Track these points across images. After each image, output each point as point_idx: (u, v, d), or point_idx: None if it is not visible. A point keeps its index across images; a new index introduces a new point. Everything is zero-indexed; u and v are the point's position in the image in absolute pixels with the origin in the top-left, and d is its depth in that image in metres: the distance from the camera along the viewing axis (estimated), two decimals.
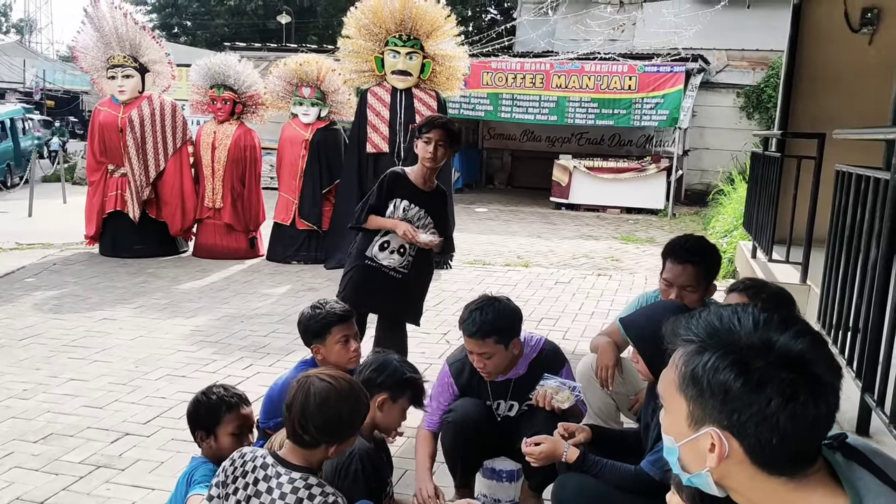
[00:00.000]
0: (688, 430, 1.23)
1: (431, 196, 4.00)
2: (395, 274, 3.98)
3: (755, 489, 1.19)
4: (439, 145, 3.81)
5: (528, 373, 2.97)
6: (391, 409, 2.62)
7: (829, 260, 3.63)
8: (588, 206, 14.19)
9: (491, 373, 2.92)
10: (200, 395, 2.57)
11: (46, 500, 3.15)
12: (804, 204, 5.24)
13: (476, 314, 2.82)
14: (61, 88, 39.34)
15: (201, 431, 2.52)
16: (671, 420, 1.27)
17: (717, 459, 1.18)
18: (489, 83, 14.34)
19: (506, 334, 2.85)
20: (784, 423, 1.13)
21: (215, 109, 8.43)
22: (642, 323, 2.37)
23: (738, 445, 1.17)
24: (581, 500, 2.26)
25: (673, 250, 3.11)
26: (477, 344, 2.83)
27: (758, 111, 15.55)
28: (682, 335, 1.26)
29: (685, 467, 1.26)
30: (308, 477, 2.04)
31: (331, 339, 3.01)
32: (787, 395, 1.13)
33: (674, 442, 1.26)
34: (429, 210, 3.96)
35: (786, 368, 1.14)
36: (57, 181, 14.80)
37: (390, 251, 3.95)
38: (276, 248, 8.55)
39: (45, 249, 8.78)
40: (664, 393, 1.28)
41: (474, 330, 2.81)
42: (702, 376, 1.19)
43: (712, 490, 1.23)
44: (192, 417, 2.55)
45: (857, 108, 6.36)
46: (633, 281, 7.88)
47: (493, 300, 2.89)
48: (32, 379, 4.55)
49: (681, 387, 1.23)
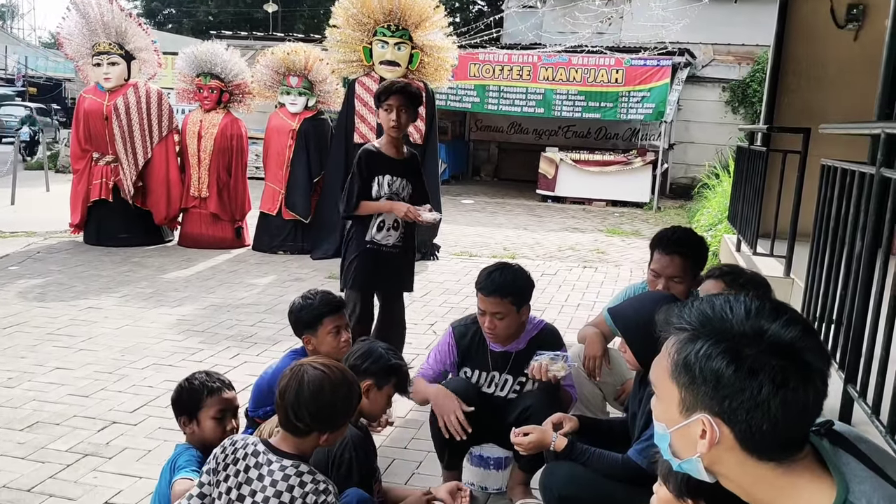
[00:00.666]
0: (679, 417, 1.25)
1: (406, 162, 4.08)
2: (395, 249, 4.08)
3: (745, 474, 1.21)
4: (401, 111, 3.86)
5: (527, 349, 3.05)
6: (376, 396, 2.64)
7: (813, 253, 3.67)
8: (574, 198, 14.24)
9: (498, 335, 2.98)
10: (184, 381, 2.59)
11: (33, 487, 3.14)
12: (789, 198, 5.29)
13: (496, 274, 2.96)
14: (44, 75, 38.90)
15: (184, 416, 2.54)
16: (663, 407, 1.29)
17: (708, 445, 1.21)
18: (476, 75, 14.33)
19: (520, 297, 2.96)
20: (775, 409, 1.15)
21: (202, 98, 8.37)
22: (630, 314, 2.40)
23: (728, 431, 1.19)
24: (570, 487, 2.28)
25: (661, 241, 3.14)
26: (493, 303, 2.92)
27: (743, 106, 15.65)
28: (674, 323, 1.28)
29: (676, 453, 1.28)
30: (299, 465, 2.06)
31: (322, 330, 3.03)
32: (778, 381, 1.15)
33: (665, 428, 1.28)
34: (409, 177, 4.06)
35: (777, 356, 1.16)
36: (40, 169, 14.65)
37: (387, 229, 4.03)
38: (262, 238, 8.52)
39: (29, 238, 8.70)
40: (656, 380, 1.30)
41: (493, 288, 2.91)
42: (694, 363, 1.21)
43: (702, 476, 1.25)
44: (175, 403, 2.57)
45: (842, 103, 6.42)
46: (619, 273, 7.93)
47: (512, 265, 3.05)
48: (17, 367, 4.53)
49: (673, 374, 1.25)
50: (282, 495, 2.02)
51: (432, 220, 4.02)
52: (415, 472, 3.36)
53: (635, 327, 2.33)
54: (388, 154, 4.02)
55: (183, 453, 2.50)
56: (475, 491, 3.20)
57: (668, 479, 1.93)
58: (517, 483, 3.08)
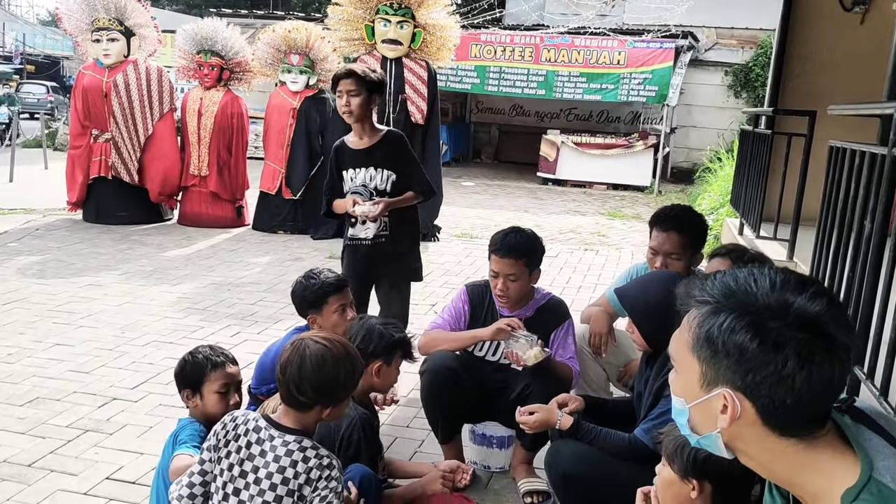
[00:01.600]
0: (699, 392, 1.22)
1: (378, 148, 3.76)
2: (380, 240, 3.84)
3: (765, 451, 1.19)
4: (351, 95, 3.64)
5: (534, 316, 3.07)
6: (387, 372, 2.66)
7: (820, 235, 3.64)
8: (575, 181, 14.19)
9: (511, 297, 3.00)
10: (187, 354, 2.57)
11: (34, 462, 3.13)
12: (793, 181, 5.26)
13: (511, 236, 2.98)
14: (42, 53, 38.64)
15: (187, 390, 2.51)
16: (682, 381, 1.26)
17: (729, 420, 1.18)
18: (477, 56, 14.24)
19: (533, 259, 3.00)
20: (799, 384, 1.12)
21: (202, 75, 8.30)
22: (637, 294, 2.38)
23: (750, 406, 1.17)
24: (575, 466, 2.27)
25: (658, 218, 3.14)
26: (508, 264, 2.94)
27: (745, 90, 15.56)
28: (696, 296, 1.25)
29: (695, 429, 1.26)
30: (302, 440, 2.03)
31: (327, 309, 3.00)
32: (804, 355, 1.12)
33: (684, 403, 1.26)
34: (381, 163, 3.75)
35: (803, 329, 1.13)
36: (38, 147, 14.57)
37: (362, 222, 3.80)
38: (262, 218, 8.48)
39: (28, 215, 8.66)
40: (676, 354, 1.28)
41: (509, 249, 2.93)
42: (717, 337, 1.18)
43: (721, 452, 1.23)
44: (178, 376, 2.55)
45: (848, 86, 6.37)
46: (620, 256, 7.91)
47: (524, 228, 3.07)
48: (17, 343, 4.50)
49: (694, 348, 1.22)
50: (285, 471, 2.00)
51: (361, 214, 3.67)
52: (417, 451, 3.35)
53: (643, 307, 2.31)
54: (352, 146, 3.79)
55: (186, 427, 2.48)
56: (478, 469, 3.19)
57: (672, 460, 1.92)
58: (520, 462, 3.07)
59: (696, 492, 1.88)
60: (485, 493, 3.03)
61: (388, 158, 3.77)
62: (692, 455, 1.86)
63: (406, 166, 3.84)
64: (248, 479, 2.02)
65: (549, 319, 3.08)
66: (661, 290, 2.32)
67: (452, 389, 2.91)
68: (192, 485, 2.10)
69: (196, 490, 2.10)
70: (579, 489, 2.27)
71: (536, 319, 3.06)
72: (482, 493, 3.03)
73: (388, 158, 3.77)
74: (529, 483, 2.97)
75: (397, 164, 3.79)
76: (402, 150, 3.86)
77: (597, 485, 2.25)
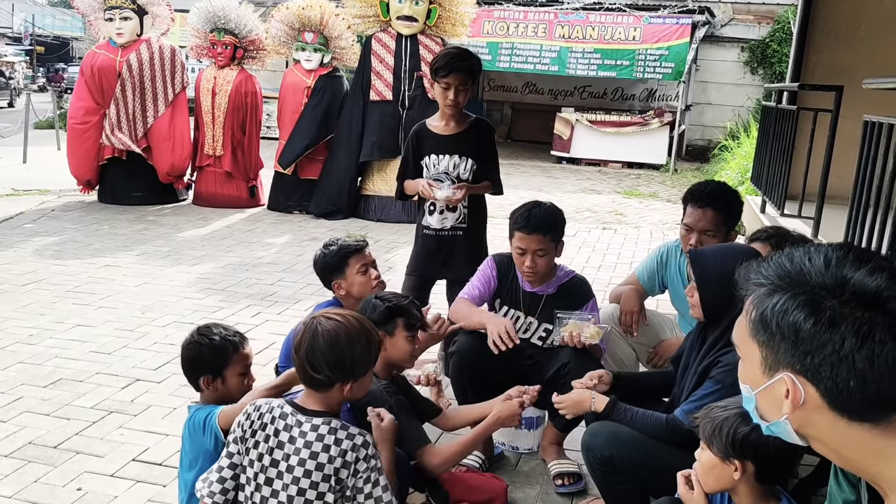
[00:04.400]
0: (762, 378, 1.18)
1: (465, 135, 3.65)
2: (455, 232, 3.71)
3: (837, 437, 1.14)
4: (459, 91, 3.50)
5: (557, 293, 3.03)
6: (393, 343, 2.54)
7: (853, 213, 3.57)
8: (589, 160, 14.05)
9: (538, 273, 2.95)
10: (200, 337, 2.40)
11: (59, 444, 3.11)
12: (818, 158, 5.17)
13: (536, 210, 2.92)
14: (51, 34, 38.54)
15: (207, 375, 2.38)
16: (746, 368, 1.23)
17: (791, 406, 1.14)
18: (490, 32, 14.07)
19: (558, 233, 2.96)
20: (861, 364, 1.07)
21: (215, 54, 8.22)
22: (710, 260, 2.31)
23: (814, 390, 1.12)
24: (612, 449, 2.22)
25: (693, 195, 3.07)
26: (535, 240, 2.89)
27: (762, 66, 15.33)
28: (752, 279, 1.20)
29: (763, 416, 1.21)
30: (330, 420, 1.99)
31: (350, 271, 2.97)
32: (862, 333, 1.07)
33: (750, 390, 1.22)
34: (467, 151, 3.63)
35: (861, 306, 1.08)
36: (49, 128, 14.55)
37: (440, 211, 3.68)
38: (277, 198, 8.43)
39: (43, 196, 8.65)
40: (738, 341, 1.24)
41: (536, 224, 2.88)
42: (771, 319, 1.14)
43: (793, 439, 1.18)
44: (196, 362, 2.40)
45: (872, 60, 6.25)
46: (639, 235, 7.84)
47: (544, 201, 3.01)
48: (38, 324, 4.49)
49: (752, 332, 1.18)
50: (318, 455, 1.95)
51: (444, 199, 3.53)
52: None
53: (714, 274, 2.24)
54: (437, 131, 3.66)
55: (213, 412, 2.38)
56: (506, 451, 3.16)
57: (712, 441, 1.88)
58: (550, 443, 3.03)
59: (739, 472, 1.84)
60: (514, 475, 2.99)
61: (475, 147, 3.64)
62: (731, 435, 1.83)
63: (488, 157, 3.72)
64: (280, 467, 1.97)
65: (572, 297, 3.03)
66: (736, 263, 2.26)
67: (483, 369, 2.87)
68: (222, 479, 2.06)
69: (228, 485, 2.06)
70: (618, 472, 2.23)
71: (559, 297, 3.02)
72: (511, 474, 3.00)
73: (474, 147, 3.63)
74: (560, 465, 2.94)
75: (481, 154, 3.67)
76: (490, 140, 3.74)
77: (636, 468, 2.20)
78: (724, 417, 1.84)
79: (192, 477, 2.28)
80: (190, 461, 2.35)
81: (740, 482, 1.86)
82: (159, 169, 8.25)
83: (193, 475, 2.26)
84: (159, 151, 8.19)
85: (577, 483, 2.88)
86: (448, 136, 3.65)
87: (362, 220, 8.03)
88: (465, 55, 3.53)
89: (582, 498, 2.83)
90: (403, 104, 7.82)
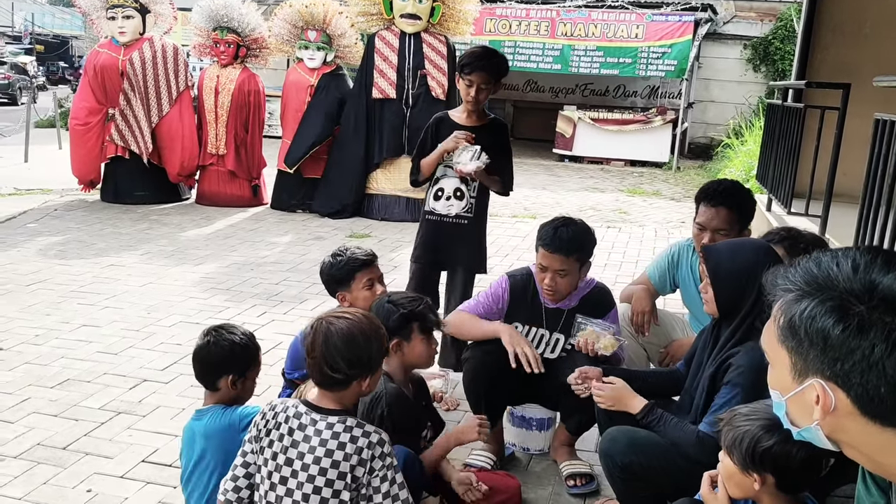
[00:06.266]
0: (792, 384, 1.17)
1: (483, 130, 3.66)
2: (462, 220, 3.71)
3: (869, 443, 1.13)
4: (482, 89, 3.55)
5: (579, 306, 2.96)
6: (410, 347, 2.55)
7: (864, 212, 3.55)
8: (592, 158, 14.03)
9: (558, 292, 2.89)
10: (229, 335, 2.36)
11: (68, 445, 3.10)
12: (825, 156, 5.14)
13: (563, 230, 2.82)
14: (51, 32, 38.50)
15: (232, 375, 2.36)
16: (776, 374, 1.22)
17: (822, 412, 1.13)
18: (492, 30, 14.06)
19: (585, 253, 2.88)
20: (891, 370, 1.06)
21: (218, 53, 8.20)
22: (725, 256, 2.29)
23: (844, 396, 1.11)
24: (632, 455, 2.19)
25: (706, 194, 3.06)
26: (558, 260, 2.81)
27: (765, 64, 15.32)
28: (780, 285, 1.19)
29: (794, 422, 1.20)
30: (346, 419, 1.98)
31: (356, 285, 2.94)
32: (892, 340, 1.06)
33: (780, 396, 1.21)
34: (482, 145, 3.62)
35: (890, 311, 1.07)
36: (50, 127, 14.53)
37: (446, 198, 3.68)
38: (280, 197, 8.41)
39: (45, 195, 8.63)
40: (767, 347, 1.23)
41: (560, 245, 2.80)
42: (799, 325, 1.13)
43: (825, 444, 1.17)
44: (223, 360, 2.35)
45: (878, 57, 6.23)
46: (643, 233, 7.82)
47: (575, 219, 2.91)
48: (43, 324, 4.47)
49: (781, 338, 1.18)
50: (333, 454, 1.95)
51: (474, 170, 3.52)
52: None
53: (728, 268, 2.23)
54: (458, 121, 3.70)
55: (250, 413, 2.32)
56: (517, 452, 3.14)
57: (731, 452, 1.86)
58: (561, 444, 3.01)
59: (759, 483, 1.83)
60: (526, 475, 2.98)
61: (490, 143, 3.65)
62: (751, 448, 1.81)
63: (502, 156, 3.72)
64: (295, 466, 1.97)
65: (594, 309, 2.95)
66: (751, 257, 2.25)
67: (495, 377, 2.84)
68: (235, 478, 2.06)
69: (241, 483, 2.06)
70: (637, 478, 2.20)
71: (581, 309, 2.95)
72: (523, 474, 2.98)
73: (489, 142, 3.64)
74: (572, 466, 2.92)
75: (496, 151, 3.67)
76: (504, 140, 3.81)
77: (656, 473, 2.17)
78: (744, 430, 1.82)
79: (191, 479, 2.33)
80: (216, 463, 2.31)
81: (762, 492, 1.85)
82: (169, 169, 8.24)
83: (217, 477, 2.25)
84: (170, 151, 8.17)
85: (590, 484, 2.86)
86: (468, 127, 3.66)
87: (366, 218, 8.00)
88: (492, 54, 3.61)
89: (595, 499, 2.82)
90: (407, 102, 7.80)
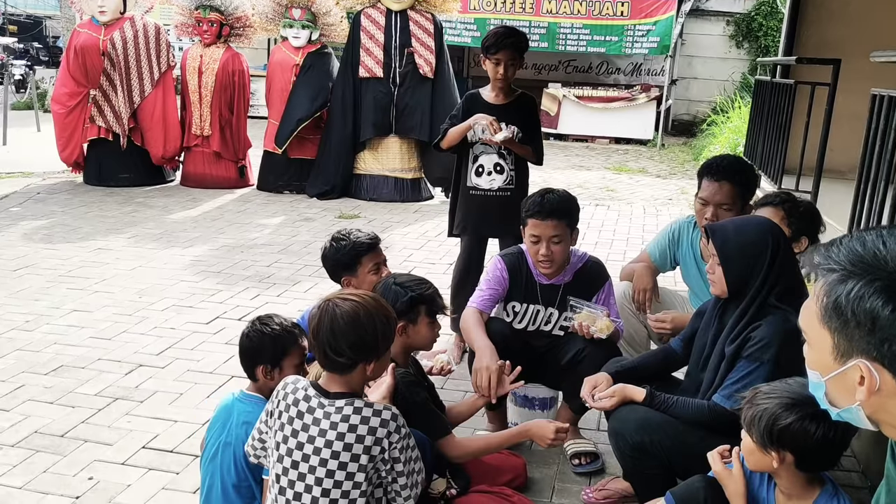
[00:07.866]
0: (834, 364, 1.16)
1: (512, 105, 3.84)
2: (503, 192, 3.85)
3: None
4: (509, 66, 3.70)
5: (574, 281, 2.98)
6: (416, 330, 2.54)
7: (860, 187, 3.57)
8: (577, 136, 14.01)
9: (554, 261, 2.89)
10: (262, 326, 2.38)
11: (66, 433, 3.06)
12: (815, 132, 5.16)
13: (549, 196, 2.87)
14: (24, 13, 37.67)
15: (265, 365, 2.36)
16: (815, 354, 1.20)
17: (866, 393, 1.12)
18: (477, 8, 13.93)
19: (573, 219, 2.91)
20: None
21: (201, 32, 8.05)
22: (731, 233, 2.29)
23: (890, 377, 1.10)
24: (643, 434, 2.19)
25: (709, 169, 3.06)
26: (550, 226, 2.83)
27: (747, 40, 15.33)
28: (822, 265, 1.18)
29: (833, 402, 1.20)
30: (353, 401, 1.97)
31: (362, 270, 2.91)
32: None
33: (819, 377, 1.20)
34: (513, 120, 3.80)
35: None
36: (27, 109, 14.27)
37: (487, 173, 3.83)
38: (266, 178, 8.32)
39: (27, 178, 8.48)
40: (806, 327, 1.22)
41: (551, 210, 2.83)
42: (846, 306, 1.12)
43: (865, 424, 1.16)
44: (255, 351, 2.36)
45: (866, 34, 6.23)
46: (632, 211, 7.83)
47: (555, 188, 2.97)
48: (33, 310, 4.41)
49: (823, 318, 1.17)
50: (345, 436, 1.94)
51: (501, 140, 3.65)
52: None
53: (735, 245, 2.22)
54: (488, 100, 3.85)
55: None
56: None
57: (751, 430, 1.86)
58: (564, 422, 3.00)
59: (777, 461, 1.84)
60: (530, 455, 2.98)
61: (520, 117, 3.83)
62: (769, 426, 1.81)
63: (532, 129, 3.89)
64: (306, 450, 1.96)
65: (589, 283, 2.98)
66: (758, 234, 2.25)
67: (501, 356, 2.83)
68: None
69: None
70: (649, 457, 2.21)
71: (576, 283, 2.97)
72: (527, 454, 2.98)
73: (519, 117, 3.82)
74: (577, 445, 2.93)
75: (526, 125, 3.85)
76: (534, 114, 3.96)
77: (667, 451, 2.18)
78: (764, 408, 1.82)
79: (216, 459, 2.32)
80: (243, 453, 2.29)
81: (780, 469, 1.86)
82: (152, 152, 8.10)
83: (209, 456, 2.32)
84: (151, 134, 8.03)
85: (595, 462, 2.87)
86: (498, 106, 3.81)
87: (354, 199, 7.94)
88: (513, 32, 3.75)
89: (600, 477, 2.83)
90: (395, 81, 7.72)
